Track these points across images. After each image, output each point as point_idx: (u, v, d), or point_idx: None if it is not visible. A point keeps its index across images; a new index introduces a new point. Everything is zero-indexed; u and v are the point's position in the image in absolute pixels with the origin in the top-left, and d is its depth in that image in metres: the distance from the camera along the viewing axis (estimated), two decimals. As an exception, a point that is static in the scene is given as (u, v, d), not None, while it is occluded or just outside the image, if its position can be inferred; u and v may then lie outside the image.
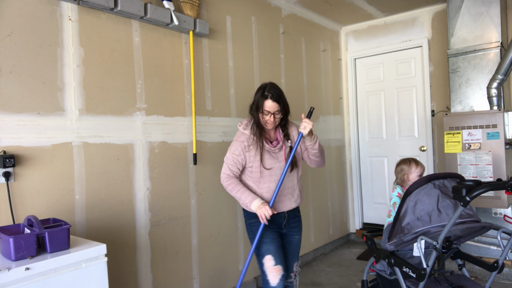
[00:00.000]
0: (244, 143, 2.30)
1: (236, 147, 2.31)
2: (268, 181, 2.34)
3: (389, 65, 4.79)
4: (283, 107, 2.29)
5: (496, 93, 3.44)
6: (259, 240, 2.34)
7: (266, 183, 2.34)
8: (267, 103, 2.24)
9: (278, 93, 2.25)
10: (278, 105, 2.25)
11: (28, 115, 2.13)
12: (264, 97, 2.24)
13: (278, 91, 2.26)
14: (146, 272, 2.67)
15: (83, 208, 2.34)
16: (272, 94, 2.23)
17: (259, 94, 2.28)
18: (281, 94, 2.27)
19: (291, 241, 2.49)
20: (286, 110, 2.33)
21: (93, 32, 2.43)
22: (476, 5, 3.56)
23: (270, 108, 2.24)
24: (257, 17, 3.73)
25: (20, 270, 1.53)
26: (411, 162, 2.67)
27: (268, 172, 2.32)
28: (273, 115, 2.26)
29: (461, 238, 2.25)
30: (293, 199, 2.42)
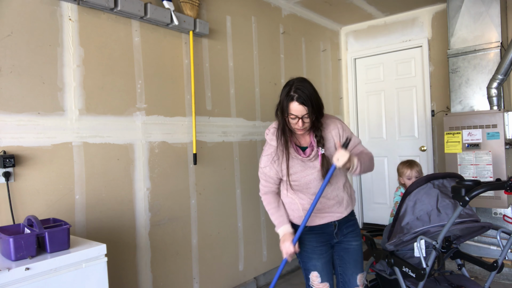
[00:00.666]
0: (272, 155, 1.97)
1: (265, 162, 2.00)
2: (307, 194, 1.99)
3: (389, 65, 4.79)
4: (314, 110, 1.84)
5: (496, 93, 3.44)
6: (305, 254, 2.07)
7: (305, 199, 2.00)
8: (293, 106, 1.81)
9: (307, 93, 1.81)
10: (307, 108, 1.81)
11: (28, 115, 2.13)
12: (290, 98, 1.82)
13: (307, 90, 1.82)
14: (146, 272, 2.68)
15: (83, 208, 2.34)
16: (299, 95, 1.80)
17: (284, 93, 1.86)
18: (311, 93, 1.82)
19: (348, 248, 2.09)
20: (318, 111, 1.87)
21: (93, 32, 2.43)
22: (476, 5, 3.56)
23: (296, 111, 1.82)
24: (257, 17, 3.73)
25: (20, 270, 1.53)
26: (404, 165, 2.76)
27: (305, 185, 1.96)
28: (301, 119, 1.84)
29: (460, 238, 2.25)
30: (342, 207, 2.04)
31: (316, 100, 1.84)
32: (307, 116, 1.83)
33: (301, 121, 1.84)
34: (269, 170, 1.99)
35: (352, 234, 2.11)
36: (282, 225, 2.00)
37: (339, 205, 2.04)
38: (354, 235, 2.11)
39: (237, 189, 3.42)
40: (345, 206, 2.06)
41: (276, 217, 2.03)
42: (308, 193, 1.98)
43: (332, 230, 2.05)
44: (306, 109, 1.81)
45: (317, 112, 1.86)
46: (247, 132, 3.56)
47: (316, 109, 1.85)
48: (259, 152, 3.67)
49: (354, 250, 2.10)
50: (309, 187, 1.96)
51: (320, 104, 1.88)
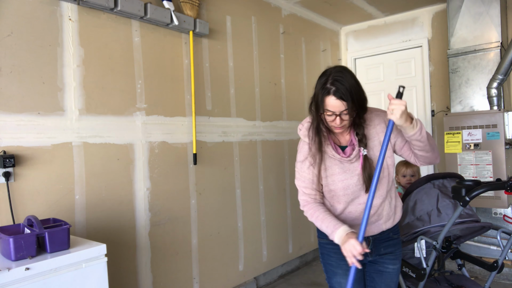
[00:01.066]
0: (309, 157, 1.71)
1: (302, 165, 1.73)
2: (344, 202, 1.70)
3: (389, 65, 4.79)
4: (355, 105, 1.55)
5: (496, 93, 3.44)
6: (329, 268, 1.82)
7: (342, 205, 1.71)
8: (329, 101, 1.54)
9: (346, 86, 1.52)
10: (346, 103, 1.53)
11: (28, 115, 2.13)
12: (326, 91, 1.54)
13: (347, 82, 1.53)
14: (146, 272, 2.68)
15: (83, 208, 2.34)
16: (337, 88, 1.52)
17: (320, 85, 1.58)
18: (352, 85, 1.53)
19: (382, 272, 1.79)
20: (360, 107, 1.59)
21: (93, 32, 2.43)
22: (476, 5, 3.56)
23: (334, 107, 1.54)
24: (257, 17, 3.73)
25: (20, 270, 1.53)
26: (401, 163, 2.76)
27: (343, 191, 1.68)
28: (339, 116, 1.56)
29: (460, 238, 2.26)
30: (380, 221, 1.73)
31: (357, 94, 1.55)
32: (346, 112, 1.54)
33: (339, 118, 1.56)
34: (307, 172, 1.71)
35: (391, 257, 1.78)
36: (340, 226, 1.60)
37: (378, 218, 1.72)
38: (393, 258, 1.79)
39: (237, 189, 3.42)
40: (385, 220, 1.73)
41: (327, 222, 1.64)
42: (345, 201, 1.69)
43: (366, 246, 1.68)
44: (345, 104, 1.52)
45: (359, 107, 1.58)
46: (247, 132, 3.56)
47: (358, 104, 1.56)
48: (259, 152, 3.67)
49: (388, 275, 1.79)
50: (346, 193, 1.67)
51: (362, 98, 1.59)
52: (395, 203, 1.77)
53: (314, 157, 1.68)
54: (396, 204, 1.78)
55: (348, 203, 1.70)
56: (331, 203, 1.73)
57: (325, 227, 1.64)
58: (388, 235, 1.78)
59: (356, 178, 1.66)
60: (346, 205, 1.70)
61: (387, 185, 1.70)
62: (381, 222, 1.73)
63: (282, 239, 3.90)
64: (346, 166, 1.66)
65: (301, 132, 1.74)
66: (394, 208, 1.77)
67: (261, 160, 3.70)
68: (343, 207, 1.71)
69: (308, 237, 4.29)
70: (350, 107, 1.53)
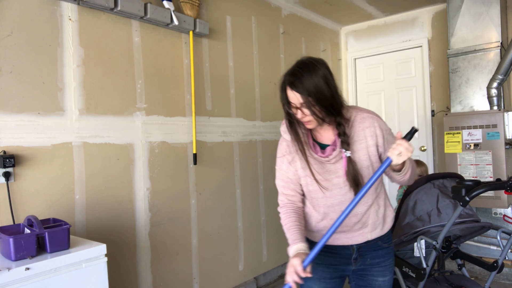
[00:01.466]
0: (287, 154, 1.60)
1: (280, 162, 1.62)
2: (323, 206, 1.56)
3: (389, 65, 4.79)
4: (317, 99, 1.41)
5: (496, 93, 3.44)
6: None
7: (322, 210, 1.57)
8: (288, 92, 1.46)
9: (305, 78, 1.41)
10: (301, 96, 1.41)
11: (28, 115, 2.13)
12: (284, 82, 1.48)
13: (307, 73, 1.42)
14: (146, 272, 2.68)
15: (83, 208, 2.34)
16: (294, 80, 1.43)
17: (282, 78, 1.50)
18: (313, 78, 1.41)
19: (371, 284, 1.64)
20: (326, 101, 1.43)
21: (93, 32, 2.43)
22: (476, 5, 3.56)
23: (291, 99, 1.46)
24: (257, 17, 3.73)
25: (20, 270, 1.53)
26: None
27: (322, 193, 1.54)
28: (300, 109, 1.46)
29: (460, 238, 2.26)
30: (365, 229, 1.58)
31: (320, 87, 1.41)
32: (306, 106, 1.43)
33: (300, 111, 1.46)
34: (286, 169, 1.59)
35: (379, 268, 1.62)
36: (294, 244, 1.48)
37: (362, 226, 1.58)
38: (383, 269, 1.62)
39: (237, 189, 3.42)
40: (371, 229, 1.59)
41: (290, 234, 1.53)
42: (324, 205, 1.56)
43: (350, 254, 1.61)
44: (301, 97, 1.41)
45: (325, 102, 1.43)
46: (247, 132, 3.56)
47: (323, 98, 1.42)
48: (259, 152, 3.67)
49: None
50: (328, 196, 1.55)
51: (330, 93, 1.43)
52: (384, 212, 1.61)
53: (291, 154, 1.58)
54: (385, 213, 1.62)
55: (329, 208, 1.55)
56: (312, 205, 1.60)
57: (288, 237, 1.54)
58: (376, 243, 1.61)
59: (338, 180, 1.52)
60: (326, 209, 1.56)
61: (374, 192, 1.58)
62: (367, 231, 1.58)
63: (282, 239, 3.90)
64: (326, 167, 1.52)
65: (282, 127, 1.65)
66: (383, 218, 1.61)
67: (261, 160, 3.70)
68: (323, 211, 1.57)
69: (308, 237, 4.29)
70: (307, 101, 1.41)
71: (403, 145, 1.37)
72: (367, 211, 1.57)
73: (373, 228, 1.59)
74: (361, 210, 1.56)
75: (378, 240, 1.61)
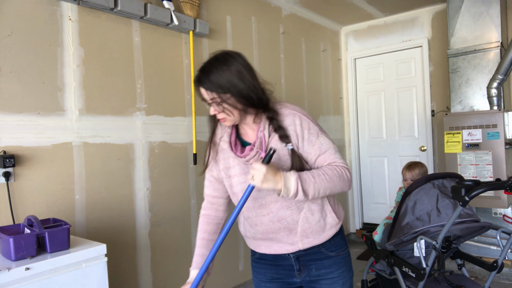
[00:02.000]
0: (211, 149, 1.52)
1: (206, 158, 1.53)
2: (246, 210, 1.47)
3: (389, 65, 4.79)
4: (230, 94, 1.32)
5: (496, 93, 3.44)
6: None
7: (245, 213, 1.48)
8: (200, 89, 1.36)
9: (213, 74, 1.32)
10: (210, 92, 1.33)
11: (28, 115, 2.13)
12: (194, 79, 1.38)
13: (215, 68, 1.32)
14: (146, 272, 2.68)
15: (83, 208, 2.34)
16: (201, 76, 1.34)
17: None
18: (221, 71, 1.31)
19: None
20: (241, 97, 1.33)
21: (93, 32, 2.43)
22: (476, 5, 3.56)
23: (202, 95, 1.37)
24: (257, 17, 3.73)
25: (20, 270, 1.53)
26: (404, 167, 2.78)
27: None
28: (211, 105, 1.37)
29: (460, 238, 2.26)
30: (294, 237, 1.42)
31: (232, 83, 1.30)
32: (216, 103, 1.34)
33: (212, 108, 1.37)
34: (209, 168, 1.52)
35: (327, 281, 1.45)
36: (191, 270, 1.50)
37: (289, 233, 1.41)
38: (330, 282, 1.45)
39: (237, 189, 3.42)
40: (301, 235, 1.40)
41: (195, 253, 1.51)
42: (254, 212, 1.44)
43: (291, 265, 1.47)
44: (210, 93, 1.33)
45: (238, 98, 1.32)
46: (247, 132, 3.56)
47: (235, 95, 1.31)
48: (259, 152, 3.67)
49: None
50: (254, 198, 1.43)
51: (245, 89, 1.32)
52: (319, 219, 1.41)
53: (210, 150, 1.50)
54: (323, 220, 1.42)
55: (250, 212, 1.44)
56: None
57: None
58: (319, 251, 1.44)
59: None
60: (248, 213, 1.45)
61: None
62: (296, 239, 1.41)
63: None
64: (247, 167, 1.40)
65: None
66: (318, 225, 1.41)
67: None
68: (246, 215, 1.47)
69: (308, 237, 4.29)
70: (217, 97, 1.32)
71: (254, 168, 1.25)
72: (291, 216, 1.39)
73: (304, 236, 1.41)
74: (283, 214, 1.39)
75: (321, 248, 1.44)
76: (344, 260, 1.50)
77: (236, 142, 1.47)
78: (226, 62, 1.33)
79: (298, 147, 1.37)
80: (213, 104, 1.35)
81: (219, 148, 1.48)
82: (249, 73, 1.35)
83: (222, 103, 1.33)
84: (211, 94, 1.33)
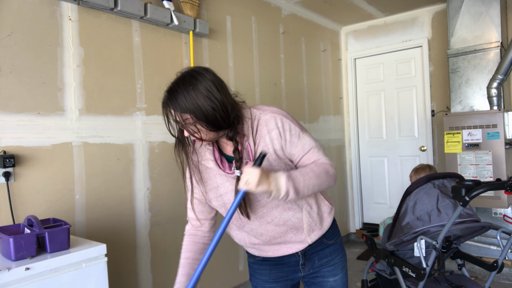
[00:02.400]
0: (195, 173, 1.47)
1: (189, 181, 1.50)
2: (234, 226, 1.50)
3: (389, 65, 4.79)
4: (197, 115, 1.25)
5: (496, 93, 3.44)
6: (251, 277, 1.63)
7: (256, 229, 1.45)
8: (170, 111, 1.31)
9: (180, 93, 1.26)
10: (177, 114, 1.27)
11: (28, 115, 2.13)
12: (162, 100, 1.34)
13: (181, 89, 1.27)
14: (146, 272, 2.68)
15: (83, 208, 2.34)
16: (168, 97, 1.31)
17: None
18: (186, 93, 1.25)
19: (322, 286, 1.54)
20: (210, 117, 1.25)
21: (93, 32, 2.43)
22: (476, 5, 3.56)
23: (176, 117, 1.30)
24: (257, 17, 3.73)
25: (20, 270, 1.53)
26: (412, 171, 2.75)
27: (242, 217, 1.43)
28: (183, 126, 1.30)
29: (460, 238, 2.25)
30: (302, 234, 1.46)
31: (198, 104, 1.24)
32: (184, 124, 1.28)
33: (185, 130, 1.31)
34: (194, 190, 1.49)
35: (329, 268, 1.52)
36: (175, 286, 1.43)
37: (297, 231, 1.45)
38: (332, 268, 1.52)
39: (237, 189, 3.42)
40: (308, 231, 1.45)
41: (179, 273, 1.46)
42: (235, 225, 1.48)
43: (297, 261, 1.51)
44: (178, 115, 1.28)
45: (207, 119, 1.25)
46: (247, 132, 3.55)
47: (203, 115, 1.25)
48: (259, 152, 3.67)
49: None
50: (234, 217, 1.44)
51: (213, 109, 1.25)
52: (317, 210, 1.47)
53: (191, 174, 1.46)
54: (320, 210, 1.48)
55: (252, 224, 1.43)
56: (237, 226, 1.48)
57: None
58: (321, 242, 1.51)
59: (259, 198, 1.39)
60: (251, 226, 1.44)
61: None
62: (303, 236, 1.45)
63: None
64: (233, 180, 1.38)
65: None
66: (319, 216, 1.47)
67: (261, 160, 3.70)
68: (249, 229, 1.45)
69: (308, 237, 4.29)
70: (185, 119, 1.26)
71: (247, 173, 1.20)
72: (295, 216, 1.42)
73: (310, 231, 1.46)
74: (289, 217, 1.41)
75: (323, 239, 1.51)
76: (341, 246, 1.58)
77: (222, 159, 1.42)
78: (192, 82, 1.26)
79: (282, 149, 1.36)
80: (186, 125, 1.28)
81: (203, 168, 1.43)
82: (219, 91, 1.27)
83: (190, 126, 1.27)
84: (183, 115, 1.26)
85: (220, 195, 1.41)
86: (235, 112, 1.31)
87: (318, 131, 4.53)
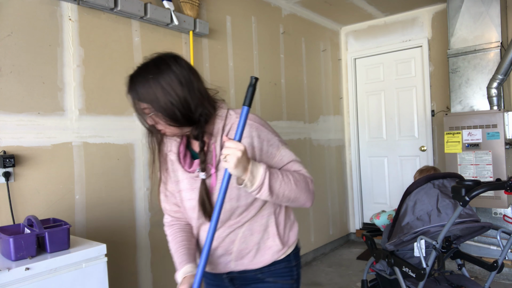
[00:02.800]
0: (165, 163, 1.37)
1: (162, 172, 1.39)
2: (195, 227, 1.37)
3: (389, 65, 4.79)
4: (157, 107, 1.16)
5: (496, 93, 3.44)
6: None
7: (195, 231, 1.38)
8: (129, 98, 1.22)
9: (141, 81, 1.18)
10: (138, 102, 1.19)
11: (28, 115, 2.13)
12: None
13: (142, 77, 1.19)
14: (146, 272, 2.68)
15: (83, 208, 2.34)
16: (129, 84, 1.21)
17: None
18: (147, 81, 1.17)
19: None
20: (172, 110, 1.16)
21: (93, 32, 2.43)
22: (476, 5, 3.56)
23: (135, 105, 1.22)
24: (257, 17, 3.73)
25: (20, 270, 1.53)
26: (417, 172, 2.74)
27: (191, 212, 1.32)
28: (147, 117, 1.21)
29: (460, 238, 2.26)
30: (228, 257, 1.31)
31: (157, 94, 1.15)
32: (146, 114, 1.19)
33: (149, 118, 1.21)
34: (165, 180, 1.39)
35: None
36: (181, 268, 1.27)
37: (225, 253, 1.31)
38: None
39: (237, 189, 3.42)
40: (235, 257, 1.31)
41: (176, 257, 1.31)
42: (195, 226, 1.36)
43: (226, 286, 1.38)
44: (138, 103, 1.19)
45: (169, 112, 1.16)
46: (247, 132, 3.55)
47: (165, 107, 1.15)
48: (259, 152, 3.67)
49: None
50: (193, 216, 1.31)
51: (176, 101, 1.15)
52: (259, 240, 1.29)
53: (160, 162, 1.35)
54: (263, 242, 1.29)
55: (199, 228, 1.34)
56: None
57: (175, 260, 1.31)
58: (255, 276, 1.32)
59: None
60: (197, 230, 1.35)
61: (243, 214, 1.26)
62: (229, 259, 1.30)
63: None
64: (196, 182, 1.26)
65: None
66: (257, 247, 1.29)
67: (261, 160, 3.70)
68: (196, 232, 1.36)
69: (308, 237, 4.29)
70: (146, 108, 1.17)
71: (227, 146, 1.07)
72: (229, 235, 1.28)
73: (238, 257, 1.30)
74: (220, 234, 1.28)
75: (257, 273, 1.32)
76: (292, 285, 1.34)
77: (186, 154, 1.32)
78: (155, 71, 1.17)
79: (255, 159, 1.21)
80: (145, 115, 1.20)
81: (168, 159, 1.34)
82: (182, 85, 1.17)
83: (153, 116, 1.18)
84: (142, 104, 1.17)
85: (179, 191, 1.32)
86: (204, 110, 1.21)
87: (318, 131, 4.53)
